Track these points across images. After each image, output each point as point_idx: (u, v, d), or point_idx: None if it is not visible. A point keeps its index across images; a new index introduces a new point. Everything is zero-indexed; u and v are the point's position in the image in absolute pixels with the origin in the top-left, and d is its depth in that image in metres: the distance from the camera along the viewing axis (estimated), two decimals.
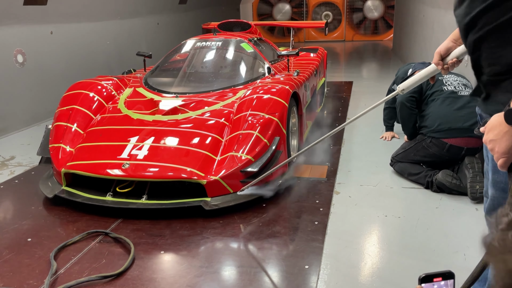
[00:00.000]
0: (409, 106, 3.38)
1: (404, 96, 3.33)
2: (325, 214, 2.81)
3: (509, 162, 1.16)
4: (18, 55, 4.92)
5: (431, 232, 2.57)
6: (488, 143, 1.20)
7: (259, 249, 2.45)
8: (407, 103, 3.37)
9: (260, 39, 4.86)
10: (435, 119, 3.20)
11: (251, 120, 3.08)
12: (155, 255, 2.42)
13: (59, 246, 2.48)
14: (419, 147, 3.25)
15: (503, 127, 1.14)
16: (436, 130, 3.16)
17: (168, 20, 8.49)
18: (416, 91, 3.34)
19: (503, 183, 1.36)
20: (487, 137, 1.21)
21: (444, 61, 1.68)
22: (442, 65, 1.69)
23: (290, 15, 13.52)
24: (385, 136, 4.24)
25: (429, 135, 3.20)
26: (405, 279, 2.15)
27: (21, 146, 4.42)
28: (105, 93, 3.61)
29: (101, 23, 6.37)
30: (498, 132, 1.16)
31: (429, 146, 3.19)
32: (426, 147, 3.21)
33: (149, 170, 2.84)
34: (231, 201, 2.83)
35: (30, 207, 3.03)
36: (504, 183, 1.36)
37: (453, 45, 1.62)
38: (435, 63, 1.71)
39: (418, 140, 3.29)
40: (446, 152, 3.12)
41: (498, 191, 1.40)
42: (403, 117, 3.46)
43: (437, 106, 3.24)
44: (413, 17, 7.89)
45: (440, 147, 3.14)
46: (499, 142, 1.16)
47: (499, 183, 1.39)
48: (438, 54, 1.69)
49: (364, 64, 9.40)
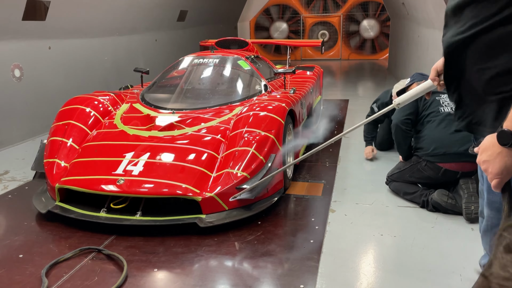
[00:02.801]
0: (404, 129, 3.30)
1: (399, 119, 3.28)
2: (321, 232, 2.79)
3: (502, 183, 1.17)
4: (15, 70, 4.93)
5: (426, 252, 2.56)
6: (482, 164, 1.21)
7: (254, 267, 2.42)
8: (403, 125, 3.29)
9: (257, 56, 4.90)
10: (430, 143, 3.15)
11: (247, 137, 3.09)
12: (148, 273, 2.38)
13: (51, 263, 2.44)
14: (414, 169, 3.23)
15: (496, 148, 1.16)
16: (431, 154, 3.12)
17: (166, 36, 8.57)
18: (412, 112, 3.29)
19: (498, 203, 1.38)
20: (480, 157, 1.22)
21: (440, 77, 1.71)
22: (438, 81, 1.73)
23: (287, 33, 13.68)
24: (366, 154, 4.19)
25: (424, 158, 3.16)
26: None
27: (15, 160, 4.39)
28: (102, 108, 3.61)
29: (99, 39, 6.41)
30: (491, 153, 1.17)
31: (424, 169, 3.16)
32: (421, 170, 3.18)
33: (144, 186, 2.82)
34: (226, 218, 2.81)
35: (23, 222, 2.99)
36: (499, 203, 1.37)
37: None
38: (431, 79, 1.75)
39: (413, 162, 3.25)
40: (441, 176, 3.10)
41: (493, 211, 1.42)
42: (398, 139, 3.37)
43: (432, 128, 3.19)
44: (408, 37, 8.00)
45: (435, 171, 3.12)
46: (493, 163, 1.17)
47: (494, 203, 1.40)
48: (435, 70, 1.72)
49: (360, 83, 9.49)
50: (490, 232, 1.48)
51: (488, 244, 1.54)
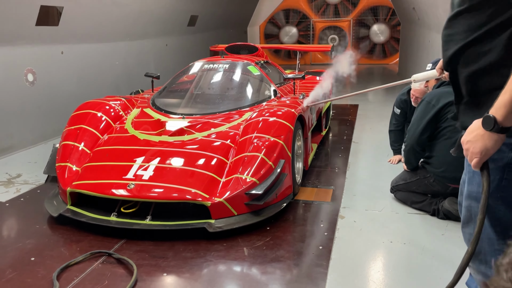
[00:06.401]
0: (418, 150, 3.14)
1: (416, 139, 3.09)
2: (330, 239, 2.79)
3: (481, 162, 1.32)
4: (28, 74, 5.01)
5: (437, 260, 2.54)
6: (465, 144, 1.35)
7: (263, 273, 2.43)
8: (417, 147, 3.12)
9: (266, 62, 4.92)
10: (441, 164, 3.03)
11: (257, 142, 3.10)
12: (157, 277, 2.40)
13: (62, 266, 2.47)
14: (421, 184, 3.15)
15: (480, 131, 1.30)
16: (441, 175, 3.04)
17: (177, 41, 8.63)
18: (429, 136, 3.09)
19: (475, 192, 1.49)
20: (465, 138, 1.36)
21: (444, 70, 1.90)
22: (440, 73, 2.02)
23: (297, 38, 13.70)
24: (392, 159, 4.23)
25: (432, 175, 3.09)
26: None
27: (28, 164, 4.45)
28: (113, 113, 3.65)
29: (110, 44, 6.49)
30: (475, 135, 1.31)
31: (432, 185, 3.10)
32: (428, 185, 3.12)
33: (154, 190, 2.84)
34: (235, 223, 2.82)
35: (34, 225, 3.03)
36: (476, 193, 1.48)
37: None
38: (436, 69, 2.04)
39: (420, 177, 3.16)
40: (450, 192, 3.04)
41: (472, 200, 1.52)
42: (409, 158, 3.22)
43: (446, 149, 2.95)
44: (419, 42, 7.97)
45: (443, 188, 3.06)
46: (475, 143, 1.31)
47: (472, 193, 1.51)
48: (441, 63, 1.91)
49: (370, 88, 9.44)
50: (472, 222, 1.54)
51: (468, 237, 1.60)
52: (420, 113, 3.09)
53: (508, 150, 1.37)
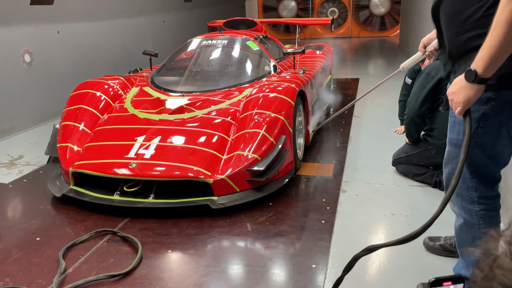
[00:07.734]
0: (419, 122, 3.13)
1: (415, 112, 3.08)
2: (332, 212, 2.80)
3: (464, 110, 1.50)
4: (25, 55, 4.95)
5: (439, 232, 2.55)
6: (450, 95, 1.53)
7: (266, 248, 2.45)
8: (418, 119, 3.11)
9: (266, 37, 4.85)
10: (443, 135, 2.91)
11: (257, 118, 3.08)
12: (162, 254, 2.43)
13: (68, 245, 2.50)
14: (423, 156, 3.16)
15: (463, 83, 1.47)
16: (442, 147, 2.99)
17: (174, 18, 8.50)
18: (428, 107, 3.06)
19: (455, 139, 1.74)
20: (450, 89, 1.54)
21: (426, 48, 2.08)
22: (423, 52, 2.11)
23: (295, 11, 13.48)
24: (399, 129, 4.19)
25: (434, 147, 3.10)
26: (413, 279, 2.14)
27: (29, 145, 4.46)
28: (112, 92, 3.62)
29: (107, 22, 6.39)
30: (459, 87, 1.49)
31: (433, 157, 3.10)
32: (430, 157, 3.12)
33: (156, 169, 2.85)
34: (237, 200, 2.83)
35: (38, 206, 3.05)
36: (455, 140, 1.74)
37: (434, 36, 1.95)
38: (419, 49, 2.13)
39: (422, 149, 3.17)
40: None
41: (452, 146, 1.77)
42: (410, 130, 3.23)
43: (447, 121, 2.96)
44: (420, 14, 7.83)
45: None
46: (458, 94, 1.49)
47: (452, 140, 1.76)
48: (422, 43, 2.11)
49: (371, 61, 9.36)
50: (450, 163, 1.80)
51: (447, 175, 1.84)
52: (420, 85, 3.06)
53: (483, 103, 1.58)
